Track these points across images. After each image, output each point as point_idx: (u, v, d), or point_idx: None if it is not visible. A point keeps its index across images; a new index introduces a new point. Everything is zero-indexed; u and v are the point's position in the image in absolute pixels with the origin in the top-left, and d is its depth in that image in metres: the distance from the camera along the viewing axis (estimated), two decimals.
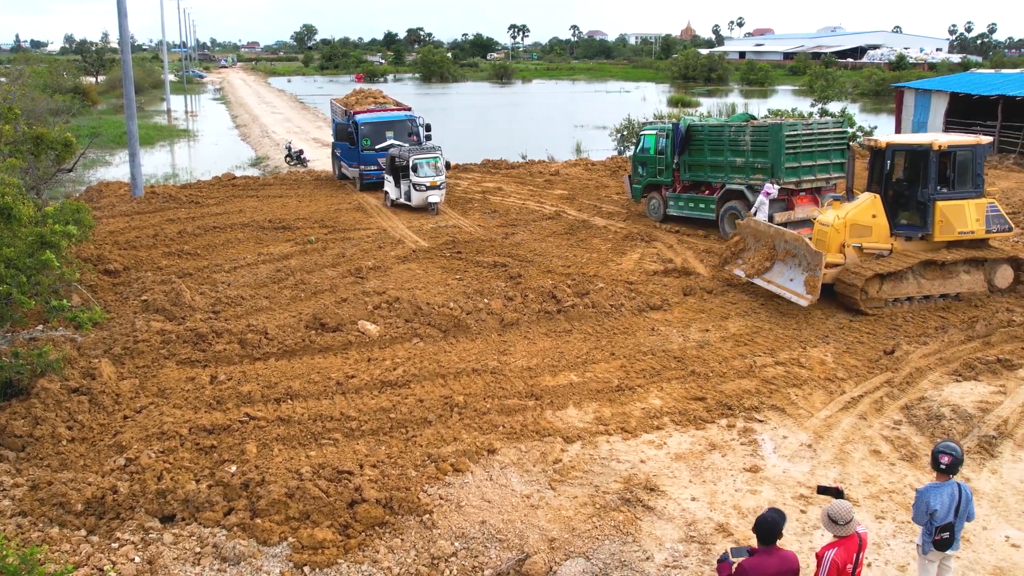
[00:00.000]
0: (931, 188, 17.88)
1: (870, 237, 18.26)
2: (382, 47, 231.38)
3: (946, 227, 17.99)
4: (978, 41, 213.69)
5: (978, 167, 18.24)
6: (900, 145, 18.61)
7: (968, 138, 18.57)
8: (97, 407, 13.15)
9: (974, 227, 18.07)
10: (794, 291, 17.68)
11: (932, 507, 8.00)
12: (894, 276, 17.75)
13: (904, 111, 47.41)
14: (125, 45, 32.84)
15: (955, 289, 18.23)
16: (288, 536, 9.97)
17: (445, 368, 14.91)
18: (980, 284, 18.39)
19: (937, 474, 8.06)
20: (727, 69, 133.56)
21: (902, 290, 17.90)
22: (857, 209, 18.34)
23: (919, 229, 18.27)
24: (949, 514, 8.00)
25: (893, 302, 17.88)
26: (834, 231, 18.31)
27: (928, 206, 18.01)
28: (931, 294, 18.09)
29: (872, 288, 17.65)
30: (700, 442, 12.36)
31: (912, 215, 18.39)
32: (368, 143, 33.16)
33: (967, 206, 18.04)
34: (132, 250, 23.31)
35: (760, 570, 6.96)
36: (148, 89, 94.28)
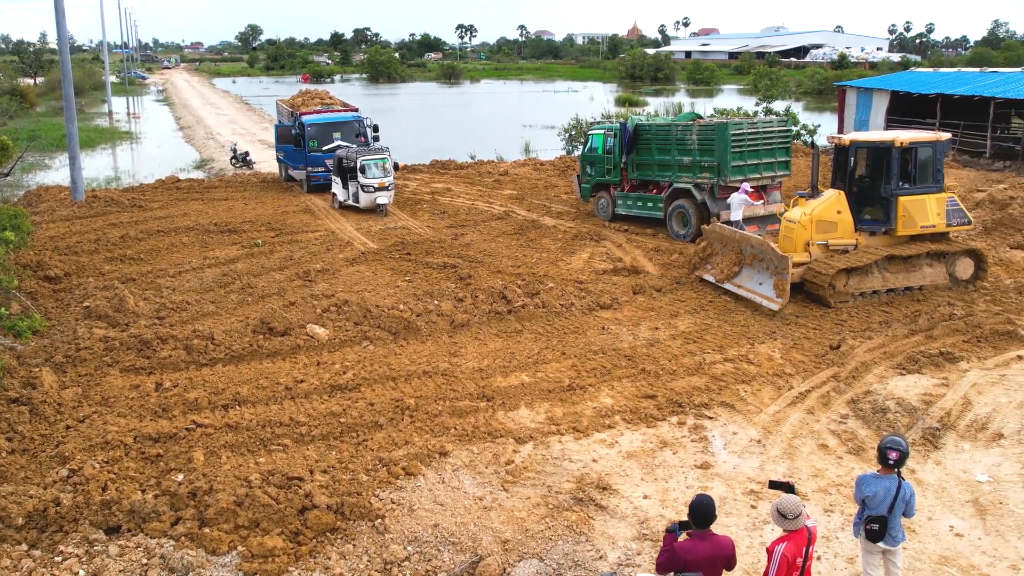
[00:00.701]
0: (893, 184, 18.25)
1: (836, 232, 18.60)
2: (328, 47, 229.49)
3: (908, 222, 18.41)
4: (917, 41, 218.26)
5: (938, 163, 18.65)
6: (863, 142, 18.99)
7: (929, 135, 19.03)
8: (38, 417, 12.82)
9: (935, 221, 18.51)
10: (764, 295, 17.94)
11: (865, 494, 8.12)
12: (860, 270, 18.11)
13: (847, 109, 48.26)
14: (63, 46, 32.13)
15: (918, 282, 18.63)
16: (237, 545, 9.81)
17: (396, 371, 14.80)
18: (942, 277, 18.81)
19: (882, 467, 8.17)
20: (673, 69, 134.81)
21: (868, 284, 18.27)
22: (823, 205, 18.66)
23: (882, 224, 18.66)
24: (882, 507, 8.09)
25: (860, 295, 18.23)
26: (801, 227, 18.58)
27: (891, 201, 18.38)
28: (896, 287, 18.49)
29: (839, 283, 17.97)
30: (651, 440, 12.42)
31: (875, 210, 18.78)
32: (315, 144, 32.86)
33: (928, 201, 18.46)
34: (73, 256, 22.81)
35: (691, 554, 7.06)
36: (89, 91, 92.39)
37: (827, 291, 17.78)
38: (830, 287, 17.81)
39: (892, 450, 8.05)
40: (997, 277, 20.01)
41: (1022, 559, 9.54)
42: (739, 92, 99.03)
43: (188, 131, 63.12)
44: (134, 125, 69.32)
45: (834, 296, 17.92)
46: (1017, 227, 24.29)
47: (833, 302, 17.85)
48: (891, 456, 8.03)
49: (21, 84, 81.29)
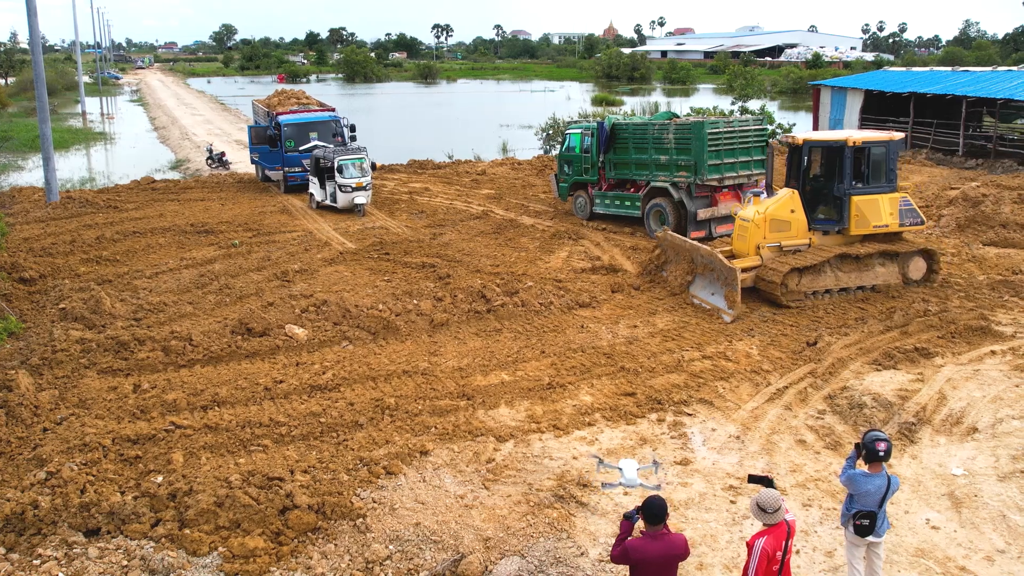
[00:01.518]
0: (846, 183, 18.34)
1: (789, 231, 18.63)
2: (304, 47, 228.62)
3: (861, 221, 18.48)
4: (890, 40, 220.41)
5: (891, 162, 18.74)
6: (816, 141, 19.00)
7: (882, 134, 19.04)
8: (15, 420, 12.70)
9: (888, 221, 18.58)
10: (717, 306, 17.92)
11: (858, 493, 8.21)
12: (812, 270, 18.17)
13: (821, 108, 48.66)
14: (36, 46, 31.81)
15: (871, 281, 18.72)
16: (218, 546, 9.77)
17: (375, 370, 14.79)
18: (895, 276, 18.86)
19: (870, 464, 8.24)
20: (649, 68, 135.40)
21: (820, 283, 18.33)
22: (776, 204, 18.70)
23: (835, 223, 18.73)
24: (872, 503, 8.21)
25: (812, 294, 18.28)
26: (754, 226, 18.65)
27: (844, 201, 18.45)
28: (848, 286, 18.57)
29: (791, 282, 18.02)
30: (631, 437, 12.48)
31: (829, 210, 18.82)
32: (292, 144, 32.74)
33: (881, 200, 18.54)
34: (48, 257, 22.62)
35: (643, 552, 7.13)
36: (61, 91, 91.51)
37: (779, 291, 17.80)
38: (782, 286, 17.84)
39: (880, 441, 8.14)
40: (971, 274, 20.26)
41: (997, 551, 9.68)
42: (715, 91, 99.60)
43: (163, 131, 62.69)
44: (108, 126, 68.75)
45: (787, 296, 17.96)
46: (989, 224, 24.58)
47: (786, 301, 17.90)
48: (880, 448, 8.12)
49: None
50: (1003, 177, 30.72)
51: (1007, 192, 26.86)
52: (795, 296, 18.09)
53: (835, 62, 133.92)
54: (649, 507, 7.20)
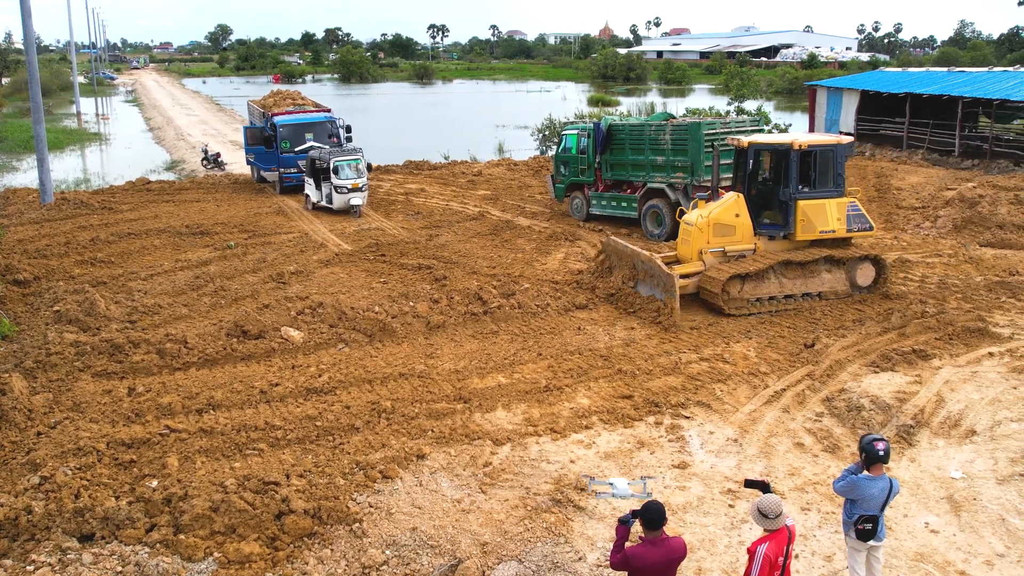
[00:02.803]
0: (792, 187, 18.03)
1: (734, 236, 18.31)
2: (300, 47, 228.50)
3: (807, 226, 18.15)
4: (885, 40, 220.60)
5: (839, 166, 18.41)
6: (762, 145, 18.68)
7: (829, 137, 18.73)
8: (8, 423, 12.61)
9: (835, 226, 18.23)
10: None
11: (862, 497, 8.16)
12: (755, 276, 17.79)
13: (817, 109, 48.65)
14: (30, 46, 31.71)
15: (817, 288, 18.37)
16: (214, 551, 9.70)
17: (372, 373, 14.72)
18: (842, 283, 18.53)
19: (871, 467, 8.19)
20: (645, 68, 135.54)
21: (763, 290, 17.94)
22: (720, 209, 18.38)
23: (781, 228, 18.40)
24: (875, 507, 8.17)
25: (756, 301, 17.93)
26: (697, 231, 18.30)
27: (790, 205, 18.15)
28: (793, 293, 18.18)
29: (733, 289, 17.70)
30: (628, 440, 12.43)
31: (774, 214, 18.52)
32: (287, 145, 32.67)
33: (828, 205, 18.22)
34: (42, 259, 22.52)
35: (645, 559, 7.08)
36: (56, 91, 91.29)
37: (720, 298, 17.50)
38: (724, 293, 17.54)
39: (878, 441, 8.12)
40: (968, 275, 20.25)
41: (996, 555, 9.64)
42: (711, 92, 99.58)
43: (158, 132, 62.57)
44: (103, 126, 68.61)
45: (729, 303, 17.64)
46: (986, 225, 24.60)
47: (728, 309, 17.57)
48: (879, 448, 8.08)
49: None
50: (999, 178, 30.72)
51: (1003, 193, 26.85)
52: (737, 303, 17.75)
53: (831, 62, 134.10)
54: (648, 512, 7.15)
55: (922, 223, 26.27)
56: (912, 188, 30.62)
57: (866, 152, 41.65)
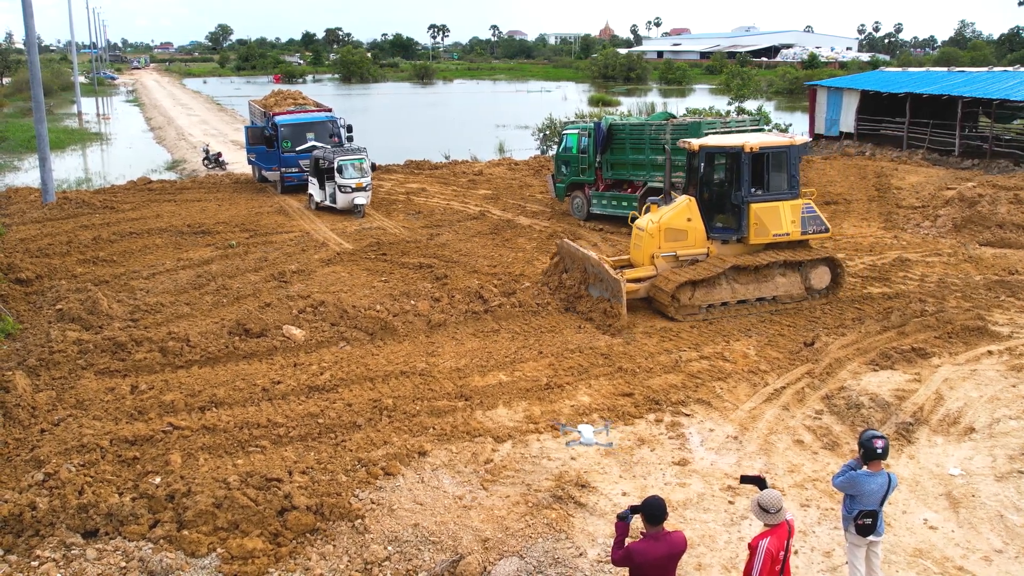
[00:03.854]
0: (744, 191, 17.71)
1: (686, 241, 18.01)
2: (300, 47, 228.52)
3: (761, 230, 17.87)
4: (885, 40, 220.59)
5: (793, 168, 18.09)
6: (713, 147, 18.28)
7: (782, 139, 18.39)
8: (12, 421, 12.69)
9: (789, 229, 17.96)
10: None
11: (860, 493, 8.22)
12: (706, 282, 17.55)
13: (817, 108, 48.69)
14: (32, 46, 31.78)
15: (771, 292, 18.11)
16: (217, 547, 9.76)
17: (373, 371, 14.79)
18: (797, 287, 18.27)
19: (869, 463, 8.25)
20: (646, 68, 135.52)
21: (715, 295, 17.71)
22: (672, 213, 18.09)
23: (734, 232, 18.11)
24: (874, 502, 8.24)
25: (708, 308, 17.71)
26: (648, 236, 18.07)
27: (742, 208, 17.83)
28: (747, 298, 17.96)
29: (684, 295, 17.46)
30: (629, 437, 12.49)
31: (727, 218, 18.20)
32: (288, 145, 32.71)
33: (782, 208, 17.94)
34: (45, 258, 22.57)
35: (647, 555, 7.13)
36: (57, 91, 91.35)
37: (670, 305, 17.30)
38: (673, 300, 17.33)
39: (876, 438, 8.17)
40: (967, 274, 20.30)
41: (995, 551, 9.70)
42: (711, 92, 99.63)
43: (159, 132, 62.63)
44: (104, 126, 68.70)
45: (679, 310, 17.44)
46: (986, 224, 24.65)
47: (678, 316, 17.36)
48: (878, 445, 8.14)
49: None
50: (999, 177, 30.78)
51: (1003, 192, 26.90)
52: (688, 310, 17.56)
53: (831, 62, 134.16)
54: (649, 508, 7.21)
55: (922, 222, 26.33)
56: (912, 187, 30.69)
57: (866, 152, 41.72)
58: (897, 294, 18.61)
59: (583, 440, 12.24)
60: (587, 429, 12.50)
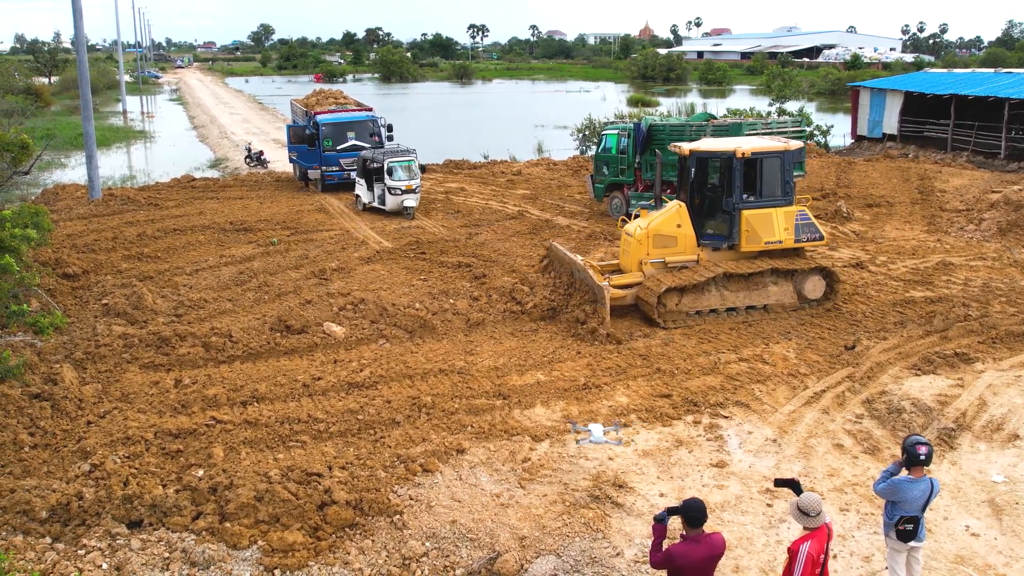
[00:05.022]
0: (736, 196, 17.35)
1: (675, 248, 17.67)
2: (341, 47, 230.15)
3: (752, 237, 17.49)
4: (930, 41, 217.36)
5: (787, 174, 17.62)
6: (704, 152, 17.89)
7: (776, 144, 17.89)
8: (59, 413, 12.97)
9: (782, 236, 17.57)
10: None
11: (904, 499, 8.16)
12: (693, 289, 17.20)
13: (860, 110, 48.16)
14: (81, 45, 32.35)
15: (762, 301, 17.72)
16: (258, 539, 9.92)
17: (412, 369, 14.90)
18: (789, 295, 17.85)
19: (912, 469, 8.19)
20: (685, 69, 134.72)
21: (704, 302, 17.37)
22: (661, 219, 17.77)
23: (725, 239, 17.74)
24: (916, 508, 8.18)
25: (696, 314, 17.37)
26: (636, 242, 17.76)
27: (734, 215, 17.45)
28: (736, 306, 17.60)
29: (670, 301, 17.12)
30: (667, 439, 12.48)
31: (718, 224, 17.84)
32: (330, 144, 32.97)
33: (775, 215, 17.53)
34: (91, 253, 22.99)
35: (689, 558, 7.13)
36: (103, 90, 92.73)
37: (656, 311, 16.92)
38: (660, 306, 16.97)
39: (920, 444, 8.12)
40: (1012, 278, 19.99)
41: None
42: (751, 92, 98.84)
43: (202, 130, 63.43)
44: (148, 124, 69.73)
45: (665, 316, 17.07)
46: None
47: (663, 323, 16.98)
48: (921, 451, 8.09)
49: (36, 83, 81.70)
50: None
51: None
52: (675, 316, 17.18)
53: (874, 63, 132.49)
54: (690, 510, 7.20)
55: (966, 226, 25.96)
56: (956, 191, 30.27)
57: (910, 154, 41.18)
58: (940, 298, 18.37)
59: (593, 439, 12.40)
60: (597, 428, 12.67)
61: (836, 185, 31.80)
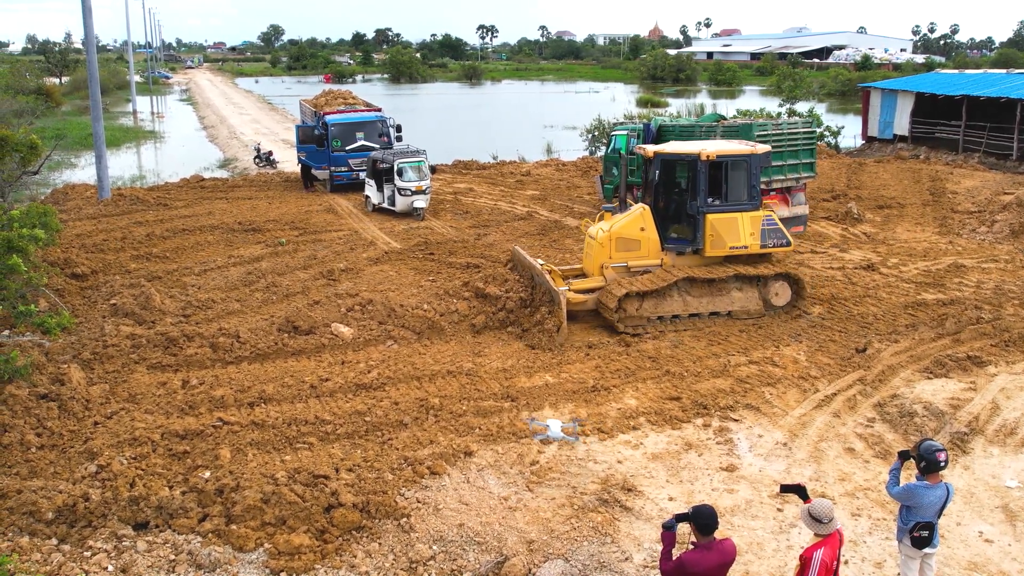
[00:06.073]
0: (700, 200, 17.08)
1: (639, 251, 17.38)
2: (350, 47, 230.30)
3: (717, 241, 17.19)
4: (941, 42, 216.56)
5: (754, 178, 17.34)
6: (668, 154, 17.63)
7: (742, 147, 17.64)
8: (67, 413, 12.94)
9: (748, 241, 17.25)
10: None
11: (920, 504, 8.07)
12: (654, 294, 16.91)
13: (871, 111, 47.91)
14: (91, 45, 32.41)
15: (726, 307, 17.43)
16: (264, 542, 9.86)
17: (420, 370, 14.84)
18: (754, 302, 17.58)
19: (928, 475, 8.10)
20: (695, 69, 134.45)
21: (665, 308, 17.07)
22: (624, 222, 17.47)
23: (689, 243, 17.47)
24: (931, 514, 8.08)
25: (657, 319, 17.07)
26: (599, 246, 17.47)
27: (698, 219, 17.18)
28: (700, 312, 17.31)
29: (630, 307, 16.83)
30: (676, 442, 12.39)
31: (682, 228, 17.59)
32: (338, 144, 32.94)
33: (741, 219, 17.22)
34: (99, 253, 22.99)
35: (701, 565, 7.03)
36: (113, 90, 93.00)
37: (614, 316, 16.65)
38: (619, 311, 16.70)
39: (939, 451, 8.05)
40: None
41: None
42: (761, 93, 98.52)
43: (211, 130, 63.52)
44: (158, 124, 69.84)
45: (625, 321, 16.76)
46: None
47: (622, 328, 16.68)
48: (941, 458, 8.02)
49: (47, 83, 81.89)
50: None
51: None
52: (635, 322, 16.85)
53: (885, 64, 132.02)
54: (701, 517, 7.10)
55: (978, 228, 25.79)
56: (968, 192, 30.08)
57: (921, 155, 40.96)
58: (952, 300, 18.22)
59: (550, 434, 12.41)
60: (555, 424, 12.64)
61: (847, 186, 31.65)
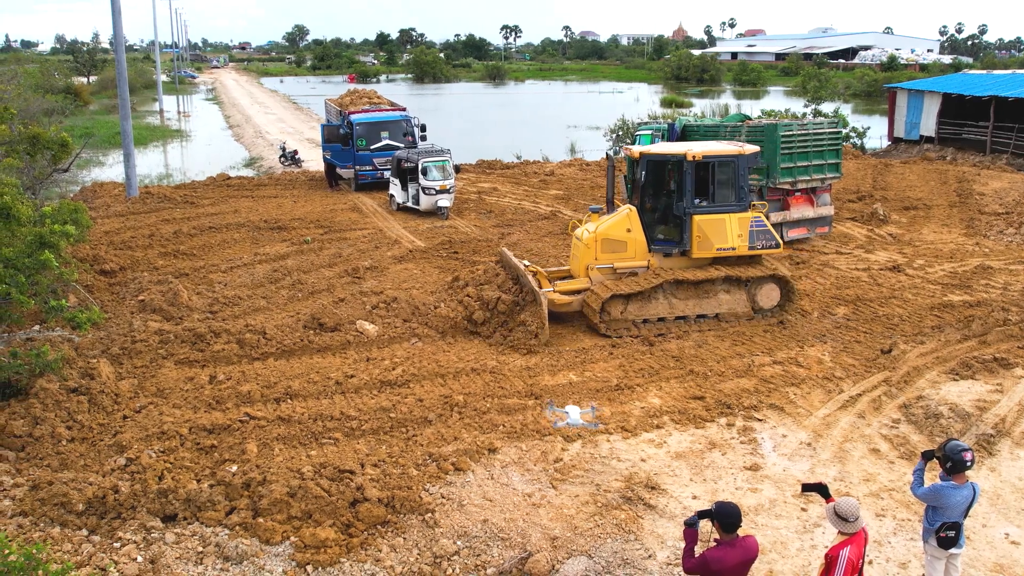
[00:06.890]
0: (687, 201, 16.96)
1: (625, 253, 17.22)
2: (374, 47, 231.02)
3: (704, 243, 17.05)
4: (969, 42, 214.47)
5: (742, 179, 17.18)
6: (654, 155, 17.46)
7: (731, 148, 17.47)
8: (96, 407, 13.12)
9: (735, 243, 17.11)
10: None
11: (946, 505, 8.06)
12: (639, 296, 16.83)
13: (897, 112, 47.57)
14: (119, 45, 32.74)
15: (713, 309, 17.25)
16: (290, 535, 9.97)
17: (444, 368, 14.92)
18: (742, 304, 17.39)
19: (955, 475, 8.08)
20: (719, 70, 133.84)
21: (650, 310, 16.94)
22: (610, 223, 17.36)
23: (676, 245, 17.34)
24: (957, 514, 8.06)
25: (642, 323, 16.94)
26: (584, 247, 17.38)
27: (685, 220, 17.07)
28: (686, 314, 17.15)
29: (614, 309, 16.76)
30: (700, 441, 12.40)
31: (669, 230, 17.47)
32: (363, 143, 33.10)
33: (728, 221, 17.07)
34: (128, 250, 23.25)
35: (724, 562, 7.06)
36: (140, 89, 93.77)
37: (598, 318, 16.56)
38: (603, 314, 16.64)
39: (966, 451, 8.03)
40: None
41: None
42: (786, 94, 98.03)
43: (237, 130, 63.96)
44: (184, 123, 70.44)
45: (608, 324, 16.67)
46: None
47: (605, 331, 16.58)
48: (967, 457, 8.00)
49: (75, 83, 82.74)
50: None
51: None
52: (619, 325, 16.75)
53: (911, 64, 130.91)
54: (725, 515, 7.13)
55: (1005, 229, 25.57)
56: (995, 193, 29.83)
57: (947, 156, 40.64)
58: (979, 302, 18.10)
59: (569, 421, 12.73)
60: (574, 410, 12.99)
61: (873, 187, 31.47)
